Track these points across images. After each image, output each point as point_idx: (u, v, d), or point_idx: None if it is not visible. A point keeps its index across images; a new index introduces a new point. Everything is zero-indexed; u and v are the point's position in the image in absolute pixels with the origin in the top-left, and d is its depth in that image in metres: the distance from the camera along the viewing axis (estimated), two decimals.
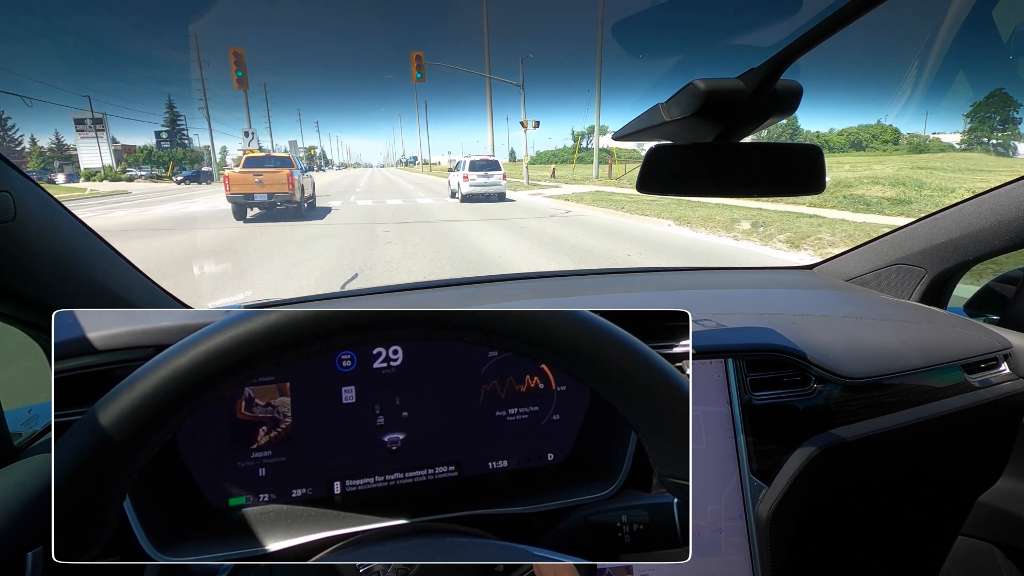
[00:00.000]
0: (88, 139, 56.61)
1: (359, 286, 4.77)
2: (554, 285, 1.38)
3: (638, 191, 0.61)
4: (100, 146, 55.93)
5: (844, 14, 0.47)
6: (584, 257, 6.79)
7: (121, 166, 55.22)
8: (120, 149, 60.95)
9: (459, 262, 6.57)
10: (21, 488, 0.60)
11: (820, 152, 0.61)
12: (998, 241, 1.10)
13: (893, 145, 42.54)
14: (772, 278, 1.46)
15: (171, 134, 66.00)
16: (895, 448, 0.98)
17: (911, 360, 0.97)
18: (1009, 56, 1.36)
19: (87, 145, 56.67)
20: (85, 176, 50.06)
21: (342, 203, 15.56)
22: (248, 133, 17.60)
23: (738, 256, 6.93)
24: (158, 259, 6.69)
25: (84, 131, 56.60)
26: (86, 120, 56.92)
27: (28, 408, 0.81)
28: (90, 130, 56.36)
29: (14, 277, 0.63)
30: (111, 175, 48.94)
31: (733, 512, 0.86)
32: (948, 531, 1.16)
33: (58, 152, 61.04)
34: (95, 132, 56.14)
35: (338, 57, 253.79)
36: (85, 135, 56.49)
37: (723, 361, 0.89)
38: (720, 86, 0.55)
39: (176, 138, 65.97)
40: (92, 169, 52.99)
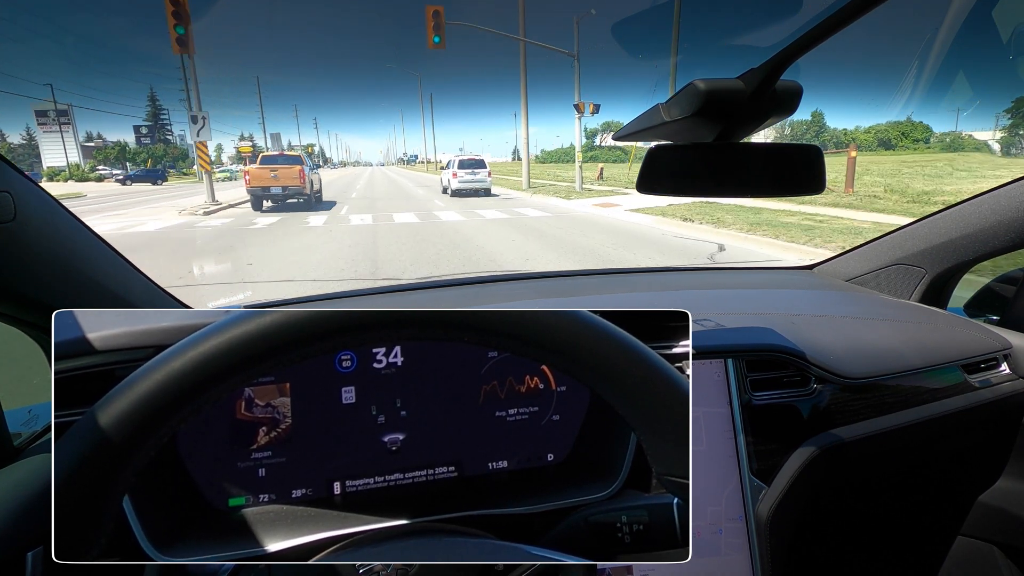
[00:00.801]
0: (51, 133, 50.32)
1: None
2: (554, 285, 1.38)
3: (638, 191, 0.61)
4: (66, 141, 49.90)
5: (844, 14, 0.47)
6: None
7: (89, 164, 49.57)
8: (93, 146, 54.89)
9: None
10: (21, 488, 0.60)
11: (820, 152, 0.61)
12: (998, 241, 1.10)
13: (924, 144, 39.53)
14: (772, 278, 1.46)
15: (152, 129, 61.26)
16: (895, 448, 0.98)
17: (911, 360, 0.97)
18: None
19: (50, 141, 50.25)
20: (48, 176, 44.45)
21: (325, 221, 10.86)
22: (197, 119, 12.95)
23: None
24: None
25: (47, 124, 50.45)
26: (49, 112, 50.56)
27: (28, 408, 0.81)
28: (53, 123, 50.39)
29: (14, 277, 0.63)
30: (77, 174, 44.04)
31: (733, 513, 0.86)
32: (948, 531, 1.16)
33: (30, 148, 54.23)
34: (59, 126, 50.10)
35: (336, 54, 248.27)
36: (48, 129, 50.41)
37: (723, 361, 0.89)
38: (720, 86, 0.55)
39: (159, 133, 61.33)
40: (56, 168, 47.18)
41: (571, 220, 10.47)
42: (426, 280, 1.37)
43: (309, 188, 13.31)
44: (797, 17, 0.68)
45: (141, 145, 59.24)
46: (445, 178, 17.76)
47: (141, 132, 61.20)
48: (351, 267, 6.33)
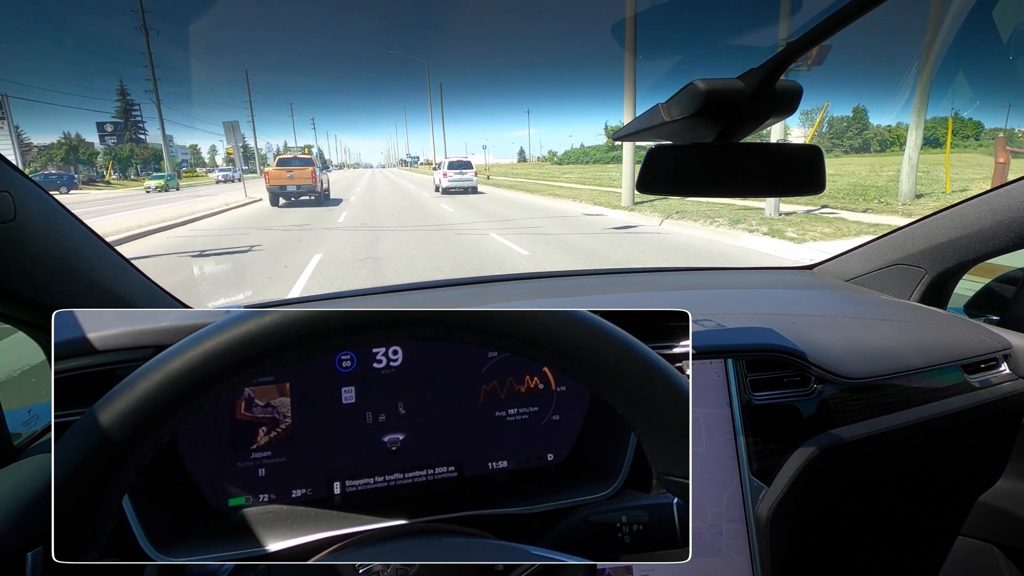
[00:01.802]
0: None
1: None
2: (555, 285, 1.38)
3: (638, 191, 0.61)
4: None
5: (844, 14, 0.47)
6: None
7: (31, 167, 42.36)
8: (56, 144, 46.04)
9: None
10: (21, 488, 0.60)
11: (820, 152, 0.62)
12: (998, 241, 1.10)
13: (975, 141, 36.16)
14: (772, 278, 1.46)
15: (121, 127, 52.24)
16: (895, 448, 0.98)
17: (911, 360, 0.97)
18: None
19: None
20: None
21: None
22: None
23: None
24: None
25: None
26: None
27: (28, 408, 0.81)
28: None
29: (14, 277, 0.63)
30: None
31: (734, 514, 0.86)
32: (948, 531, 1.16)
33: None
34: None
35: (334, 44, 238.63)
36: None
37: (723, 361, 0.89)
38: (720, 86, 0.55)
39: (130, 131, 52.57)
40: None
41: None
42: (426, 280, 1.37)
43: (319, 187, 15.22)
44: (797, 17, 0.67)
45: (105, 144, 51.08)
46: (437, 178, 19.80)
47: (106, 130, 51.94)
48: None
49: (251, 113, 58.28)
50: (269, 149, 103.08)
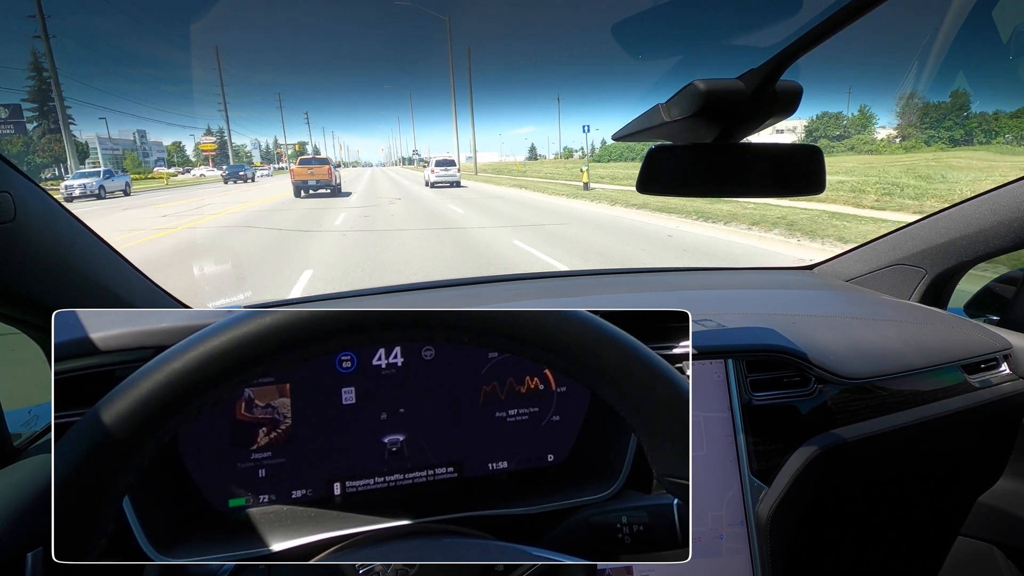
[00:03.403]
0: None
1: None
2: (555, 285, 1.38)
3: (638, 191, 0.61)
4: None
5: (844, 14, 0.47)
6: None
7: None
8: None
9: None
10: (21, 489, 0.60)
11: (820, 152, 0.61)
12: (998, 241, 1.10)
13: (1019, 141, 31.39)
14: (772, 278, 1.46)
15: (38, 114, 41.07)
16: (895, 448, 0.98)
17: (911, 360, 0.97)
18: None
19: None
20: None
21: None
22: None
23: None
24: None
25: None
26: None
27: (28, 409, 0.81)
28: None
29: (14, 277, 0.63)
30: None
31: (734, 518, 0.86)
32: (948, 531, 1.16)
33: None
34: None
35: (333, 38, 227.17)
36: None
37: (723, 361, 0.89)
38: (720, 86, 0.55)
39: (46, 122, 41.19)
40: None
41: None
42: (426, 281, 1.38)
43: (334, 181, 19.09)
44: (797, 17, 0.67)
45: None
46: (426, 174, 23.38)
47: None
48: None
49: (224, 104, 48.64)
50: (256, 146, 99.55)
